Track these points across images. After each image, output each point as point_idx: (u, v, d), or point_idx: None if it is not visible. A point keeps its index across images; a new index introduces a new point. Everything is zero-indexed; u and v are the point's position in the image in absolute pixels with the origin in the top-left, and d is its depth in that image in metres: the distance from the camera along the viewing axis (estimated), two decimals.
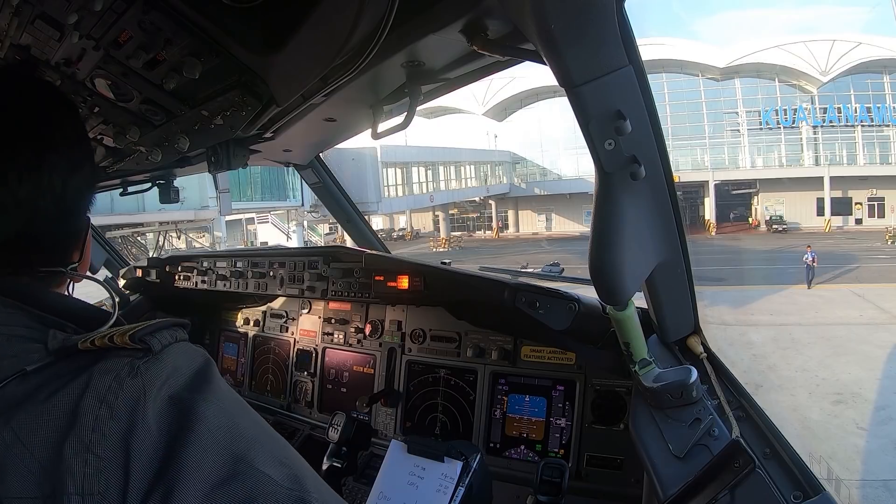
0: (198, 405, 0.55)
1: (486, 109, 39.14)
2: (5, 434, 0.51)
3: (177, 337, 0.60)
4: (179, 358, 0.58)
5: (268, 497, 0.52)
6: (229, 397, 0.59)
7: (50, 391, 0.54)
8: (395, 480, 1.31)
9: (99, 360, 0.56)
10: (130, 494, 0.50)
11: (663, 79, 35.78)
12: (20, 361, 0.56)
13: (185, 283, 2.55)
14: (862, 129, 34.79)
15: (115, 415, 0.52)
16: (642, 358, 1.17)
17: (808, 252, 19.23)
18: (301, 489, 0.54)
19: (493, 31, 0.88)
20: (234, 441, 0.55)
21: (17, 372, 0.54)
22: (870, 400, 9.10)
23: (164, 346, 0.58)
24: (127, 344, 0.56)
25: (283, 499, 0.52)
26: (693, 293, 1.18)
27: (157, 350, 0.57)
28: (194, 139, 1.30)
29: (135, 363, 0.55)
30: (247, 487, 0.52)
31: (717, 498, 0.98)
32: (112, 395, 0.53)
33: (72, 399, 0.53)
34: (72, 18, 0.91)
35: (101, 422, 0.51)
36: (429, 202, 33.20)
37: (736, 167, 37.24)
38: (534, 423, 1.83)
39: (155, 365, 0.56)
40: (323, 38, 0.84)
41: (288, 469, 0.55)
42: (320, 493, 0.56)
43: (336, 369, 2.33)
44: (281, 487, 0.53)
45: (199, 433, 0.53)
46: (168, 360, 0.57)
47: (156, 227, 16.32)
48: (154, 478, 0.51)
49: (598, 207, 0.93)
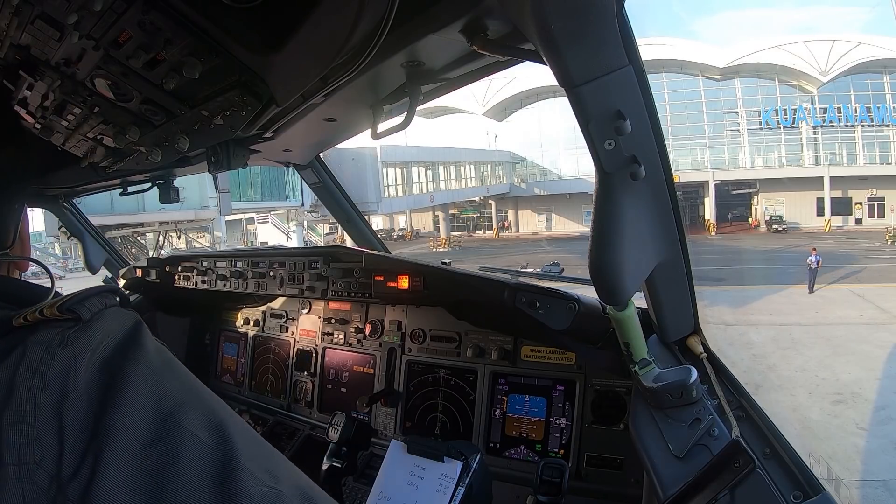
0: (126, 368, 0.56)
1: (486, 109, 39.14)
2: None
3: (107, 303, 0.60)
4: (110, 323, 0.59)
5: (193, 456, 0.52)
6: (158, 359, 0.59)
7: None
8: (395, 480, 1.31)
9: (32, 333, 0.56)
10: (65, 461, 0.50)
11: (663, 79, 35.77)
12: None
13: (185, 283, 2.55)
14: (862, 129, 34.78)
15: (47, 384, 0.53)
16: (642, 358, 1.17)
17: (813, 255, 18.19)
18: (228, 448, 0.54)
19: (493, 31, 0.88)
20: (161, 402, 0.55)
21: None
22: (870, 400, 9.11)
23: (93, 314, 0.58)
24: (56, 315, 0.56)
25: (208, 458, 0.52)
26: (693, 293, 1.18)
27: (87, 318, 0.57)
28: (194, 139, 1.29)
29: (65, 333, 0.56)
30: (172, 446, 0.52)
31: (717, 498, 0.97)
32: (44, 366, 0.53)
33: (8, 374, 0.53)
34: (72, 18, 0.91)
35: (34, 392, 0.52)
36: (429, 202, 33.20)
37: (736, 167, 37.24)
38: (534, 423, 1.83)
39: (85, 333, 0.56)
40: (323, 38, 0.84)
41: (216, 429, 0.55)
42: (250, 451, 0.55)
43: (336, 369, 2.33)
44: (206, 446, 0.53)
45: (126, 396, 0.54)
46: (98, 327, 0.58)
47: (156, 227, 16.31)
48: (86, 443, 0.51)
49: (598, 207, 0.93)
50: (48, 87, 1.18)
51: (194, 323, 2.90)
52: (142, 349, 0.58)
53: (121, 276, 2.75)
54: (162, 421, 0.54)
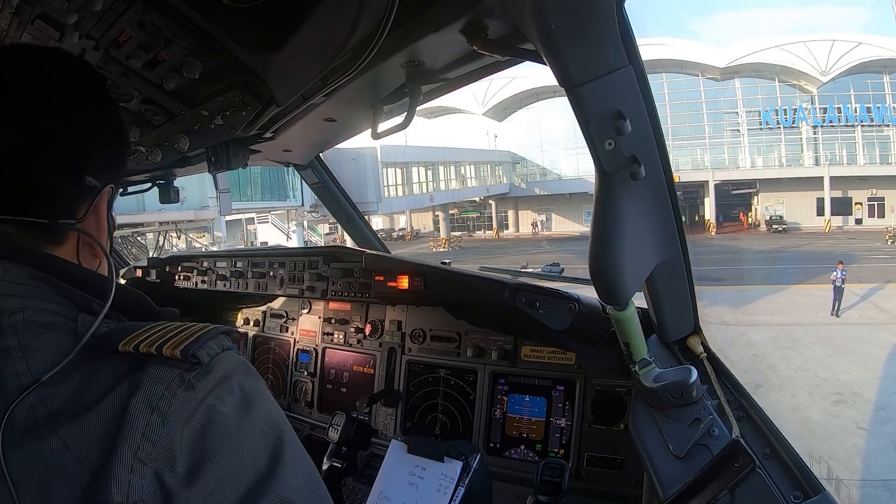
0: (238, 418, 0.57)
1: (486, 109, 39.12)
2: (52, 442, 0.51)
3: (223, 346, 0.61)
4: (226, 367, 0.60)
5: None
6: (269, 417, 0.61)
7: (96, 395, 0.54)
8: (395, 480, 1.31)
9: (145, 365, 0.56)
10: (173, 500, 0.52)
11: (663, 79, 35.74)
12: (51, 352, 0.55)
13: (185, 283, 2.55)
14: (862, 129, 34.75)
15: (166, 423, 0.53)
16: (642, 358, 1.17)
17: (839, 269, 14.77)
18: None
19: (493, 31, 0.88)
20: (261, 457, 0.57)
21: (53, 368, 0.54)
22: (870, 400, 9.11)
23: (211, 357, 0.58)
24: (177, 357, 0.56)
25: None
26: (693, 293, 1.18)
27: (206, 362, 0.58)
28: (194, 139, 1.30)
29: (185, 375, 0.56)
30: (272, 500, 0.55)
31: (717, 498, 0.97)
32: (165, 404, 0.54)
33: (119, 404, 0.53)
34: (72, 18, 0.91)
35: (152, 429, 0.52)
36: (429, 202, 33.20)
37: (736, 167, 37.20)
38: (534, 423, 1.83)
39: (205, 377, 0.57)
40: (323, 38, 0.84)
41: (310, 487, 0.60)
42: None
43: (336, 369, 2.33)
44: None
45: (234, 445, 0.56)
46: (216, 371, 0.58)
47: (156, 227, 16.29)
48: (190, 484, 0.52)
49: (598, 207, 0.93)
50: None
51: None
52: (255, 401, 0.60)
53: (121, 276, 2.75)
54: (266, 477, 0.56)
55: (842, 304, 14.67)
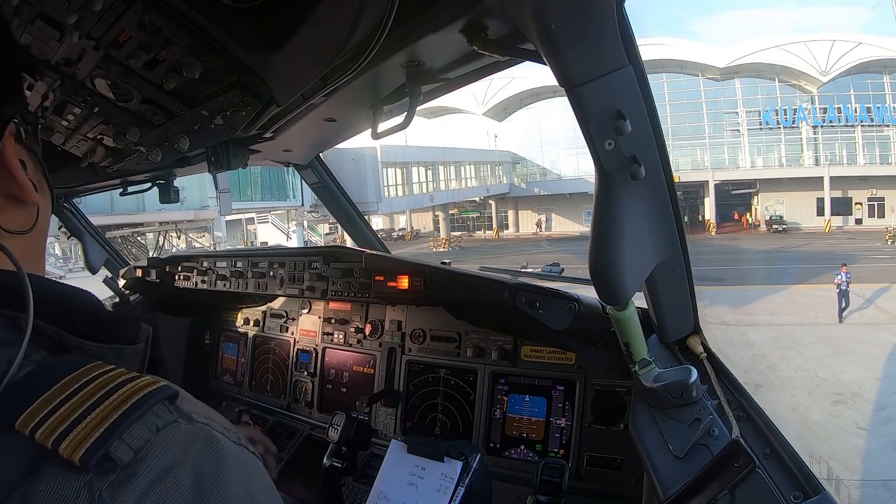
0: None
1: (486, 109, 39.14)
2: None
3: (162, 423, 0.42)
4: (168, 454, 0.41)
5: None
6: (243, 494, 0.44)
7: None
8: (395, 480, 1.31)
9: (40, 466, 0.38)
10: None
11: (663, 79, 35.77)
12: None
13: (185, 283, 2.55)
14: (862, 129, 34.77)
15: None
16: (642, 358, 1.17)
17: (843, 272, 14.31)
18: None
19: (493, 31, 0.88)
20: None
21: None
22: (870, 400, 9.11)
23: (137, 451, 0.40)
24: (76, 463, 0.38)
25: None
26: (693, 293, 1.18)
27: (127, 461, 0.39)
28: (194, 139, 1.30)
29: (95, 486, 0.38)
30: None
31: (717, 498, 0.98)
32: None
33: None
34: (72, 18, 0.91)
35: None
36: (429, 202, 33.21)
37: (736, 167, 37.23)
38: (534, 423, 1.83)
39: (126, 486, 0.39)
40: (323, 38, 0.84)
41: None
42: None
43: (336, 369, 2.33)
44: None
45: None
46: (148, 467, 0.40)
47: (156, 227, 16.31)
48: None
49: (598, 207, 0.93)
50: (48, 87, 1.18)
51: (194, 323, 2.90)
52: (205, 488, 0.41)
53: (121, 276, 2.75)
54: None
55: (847, 307, 14.22)
